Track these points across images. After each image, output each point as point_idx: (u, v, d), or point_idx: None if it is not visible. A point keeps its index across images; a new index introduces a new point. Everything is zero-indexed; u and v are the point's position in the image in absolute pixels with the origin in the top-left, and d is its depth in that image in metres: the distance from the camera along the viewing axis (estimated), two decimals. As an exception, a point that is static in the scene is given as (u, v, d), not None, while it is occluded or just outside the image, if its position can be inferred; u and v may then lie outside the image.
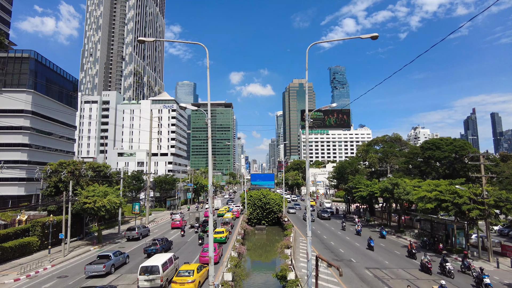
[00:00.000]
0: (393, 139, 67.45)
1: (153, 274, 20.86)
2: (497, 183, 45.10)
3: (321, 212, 60.05)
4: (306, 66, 16.52)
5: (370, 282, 22.53)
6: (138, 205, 50.89)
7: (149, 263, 21.50)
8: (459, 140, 54.26)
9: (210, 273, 15.43)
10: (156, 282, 20.76)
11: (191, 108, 18.83)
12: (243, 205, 63.05)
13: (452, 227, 32.29)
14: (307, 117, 17.20)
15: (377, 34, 14.53)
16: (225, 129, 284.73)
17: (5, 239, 29.81)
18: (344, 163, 71.53)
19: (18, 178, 59.91)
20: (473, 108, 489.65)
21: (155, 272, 20.93)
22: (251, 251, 36.69)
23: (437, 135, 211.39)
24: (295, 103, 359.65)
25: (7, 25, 76.84)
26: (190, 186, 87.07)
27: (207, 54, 15.97)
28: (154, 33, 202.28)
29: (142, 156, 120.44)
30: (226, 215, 50.59)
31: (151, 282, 20.77)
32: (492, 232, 40.70)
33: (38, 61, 65.03)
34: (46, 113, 67.08)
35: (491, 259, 28.44)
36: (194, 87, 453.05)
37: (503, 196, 28.29)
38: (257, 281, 25.94)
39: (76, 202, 33.98)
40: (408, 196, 40.36)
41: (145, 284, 20.75)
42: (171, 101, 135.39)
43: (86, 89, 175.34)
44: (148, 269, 21.02)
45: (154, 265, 21.24)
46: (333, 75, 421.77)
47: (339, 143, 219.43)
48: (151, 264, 21.34)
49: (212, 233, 16.30)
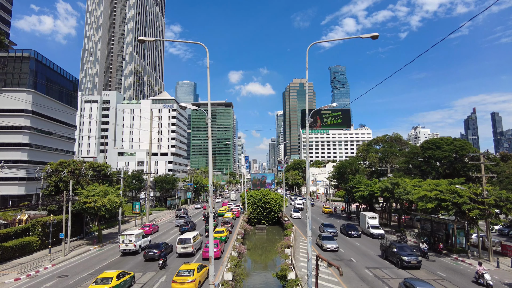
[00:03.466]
0: (393, 138, 67.41)
1: (186, 244, 29.49)
2: (497, 183, 45.11)
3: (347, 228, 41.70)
4: (306, 65, 16.52)
5: (370, 282, 22.52)
6: (138, 205, 50.99)
7: (183, 236, 30.32)
8: (459, 140, 54.24)
9: (210, 272, 15.42)
10: (188, 249, 29.52)
11: (191, 108, 18.82)
12: (243, 204, 63.07)
13: (452, 227, 32.27)
14: (307, 117, 17.20)
15: (377, 33, 14.53)
16: (225, 128, 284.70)
17: (5, 239, 29.84)
18: (344, 162, 71.53)
19: (19, 178, 59.95)
20: (474, 108, 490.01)
21: (188, 242, 29.62)
22: (251, 250, 36.70)
23: (437, 134, 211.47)
24: (295, 102, 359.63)
25: (7, 24, 76.86)
26: (190, 186, 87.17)
27: (207, 53, 15.95)
28: (154, 32, 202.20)
29: (142, 155, 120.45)
30: (226, 215, 50.59)
31: (185, 249, 29.40)
32: (492, 232, 40.72)
33: (38, 61, 65.03)
34: (46, 112, 67.10)
35: (491, 258, 28.42)
36: (194, 87, 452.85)
37: (503, 195, 28.26)
38: (257, 281, 25.95)
39: (76, 201, 34.01)
40: (408, 196, 40.34)
41: (181, 251, 29.47)
42: (171, 101, 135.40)
43: (87, 88, 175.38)
44: (183, 240, 29.72)
45: (187, 238, 29.98)
46: (334, 74, 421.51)
47: (339, 143, 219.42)
48: (184, 237, 30.08)
49: (212, 233, 16.30)
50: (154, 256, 27.80)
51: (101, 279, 19.56)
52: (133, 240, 30.86)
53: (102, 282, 19.21)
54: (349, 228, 41.28)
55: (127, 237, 30.95)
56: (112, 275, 19.81)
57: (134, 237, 31.04)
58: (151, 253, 28.08)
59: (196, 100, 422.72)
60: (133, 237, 31.00)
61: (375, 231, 39.82)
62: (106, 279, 19.47)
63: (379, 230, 39.97)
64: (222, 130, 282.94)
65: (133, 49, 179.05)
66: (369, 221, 41.49)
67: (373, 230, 39.98)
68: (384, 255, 29.21)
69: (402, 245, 27.74)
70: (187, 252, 29.31)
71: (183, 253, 29.43)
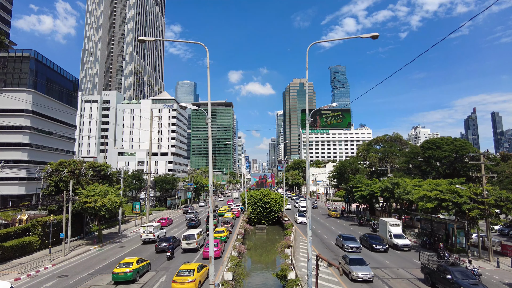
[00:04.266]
0: (394, 138, 67.41)
1: (190, 240, 31.38)
2: (497, 183, 45.08)
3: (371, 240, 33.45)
4: (306, 65, 16.51)
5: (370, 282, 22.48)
6: (138, 205, 51.02)
7: (187, 233, 32.30)
8: (460, 140, 54.23)
9: (211, 272, 15.41)
10: (193, 245, 31.39)
11: (191, 108, 18.81)
12: (243, 204, 63.08)
13: (453, 227, 32.27)
14: (307, 117, 17.19)
15: (377, 33, 14.50)
16: (225, 128, 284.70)
17: (5, 239, 29.82)
18: (345, 162, 71.52)
19: (19, 178, 59.95)
20: (474, 108, 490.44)
21: (192, 238, 31.52)
22: (251, 250, 36.70)
23: (438, 134, 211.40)
24: (296, 102, 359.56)
25: (8, 24, 76.84)
26: (190, 186, 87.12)
27: (207, 53, 15.94)
28: (154, 32, 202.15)
29: (142, 155, 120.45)
30: (226, 215, 50.60)
31: (189, 244, 31.32)
32: (493, 232, 40.71)
33: (38, 61, 65.04)
34: (47, 112, 67.11)
35: (491, 258, 28.43)
36: (194, 87, 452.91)
37: (504, 195, 28.26)
38: (257, 281, 25.95)
39: (76, 201, 34.00)
40: (408, 196, 40.36)
41: (186, 246, 31.31)
42: (171, 101, 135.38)
43: (87, 88, 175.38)
44: (187, 237, 31.66)
45: (191, 234, 31.98)
46: (334, 74, 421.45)
47: (340, 143, 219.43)
48: (189, 234, 32.11)
49: (212, 233, 16.31)
50: (164, 248, 30.80)
51: (123, 263, 22.86)
52: (153, 231, 36.44)
53: (125, 266, 22.51)
54: (373, 240, 33.19)
55: (148, 228, 36.57)
56: (133, 261, 23.18)
57: (153, 228, 36.72)
58: (161, 245, 31.32)
59: (196, 100, 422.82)
60: (153, 228, 36.65)
61: (400, 241, 33.24)
62: (127, 263, 22.79)
63: (404, 240, 33.52)
64: (222, 130, 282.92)
65: (133, 49, 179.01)
66: (391, 229, 34.92)
67: (397, 241, 33.30)
68: (429, 280, 21.92)
69: (460, 270, 20.23)
70: (192, 248, 31.39)
71: (188, 248, 31.46)
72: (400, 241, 33.32)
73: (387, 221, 35.97)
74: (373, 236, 34.51)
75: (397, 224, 35.89)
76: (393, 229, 34.96)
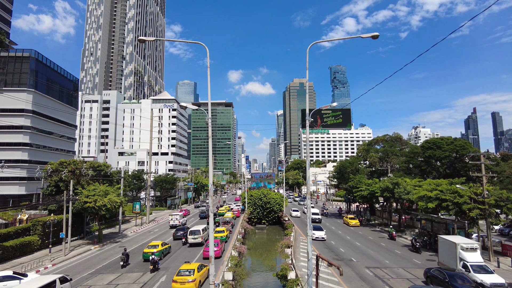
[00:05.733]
0: (394, 138, 67.36)
1: (196, 235, 33.86)
2: (497, 183, 45.07)
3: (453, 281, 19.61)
4: (306, 65, 16.50)
5: (371, 282, 22.52)
6: (138, 204, 51.07)
7: (193, 228, 34.76)
8: (460, 140, 54.18)
9: (211, 272, 15.42)
10: (198, 239, 33.83)
11: (191, 108, 18.78)
12: (243, 204, 63.08)
13: (453, 227, 32.25)
14: (307, 117, 17.19)
15: (377, 33, 14.49)
16: (226, 128, 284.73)
17: (6, 238, 29.85)
18: (345, 162, 71.49)
19: (19, 177, 60.00)
20: (474, 108, 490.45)
21: (197, 233, 33.97)
22: (251, 250, 36.70)
23: (438, 134, 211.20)
24: (296, 102, 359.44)
25: (8, 24, 76.80)
26: (190, 186, 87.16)
27: (207, 53, 15.94)
28: (154, 32, 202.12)
29: (142, 155, 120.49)
30: (226, 214, 50.61)
31: (195, 239, 33.80)
32: (493, 232, 40.72)
33: (38, 61, 65.07)
34: (47, 112, 67.14)
35: (491, 258, 28.42)
36: (194, 87, 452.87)
37: (504, 195, 28.26)
38: (257, 281, 25.95)
39: (76, 201, 34.02)
40: (408, 196, 40.32)
41: (192, 241, 33.83)
42: (171, 101, 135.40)
43: (87, 88, 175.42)
44: (193, 232, 34.16)
45: (196, 229, 34.33)
46: (334, 74, 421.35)
47: (340, 143, 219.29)
48: (195, 229, 34.50)
49: (212, 232, 16.31)
50: (180, 236, 36.87)
51: (151, 245, 28.42)
52: (178, 218, 47.03)
53: (152, 247, 27.97)
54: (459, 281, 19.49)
55: (174, 216, 47.12)
56: (158, 244, 28.59)
57: (179, 217, 47.32)
58: (178, 234, 37.55)
59: (196, 99, 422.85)
60: (179, 216, 47.29)
61: (487, 278, 20.48)
62: (154, 245, 28.34)
63: (494, 278, 20.69)
64: (222, 130, 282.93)
65: (133, 48, 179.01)
66: (466, 255, 22.88)
67: (482, 277, 20.63)
68: None
69: None
70: (197, 242, 33.83)
71: (194, 243, 33.92)
72: (487, 278, 20.45)
73: (457, 243, 23.64)
74: (459, 276, 20.10)
75: (474, 248, 23.54)
76: (469, 256, 22.83)
